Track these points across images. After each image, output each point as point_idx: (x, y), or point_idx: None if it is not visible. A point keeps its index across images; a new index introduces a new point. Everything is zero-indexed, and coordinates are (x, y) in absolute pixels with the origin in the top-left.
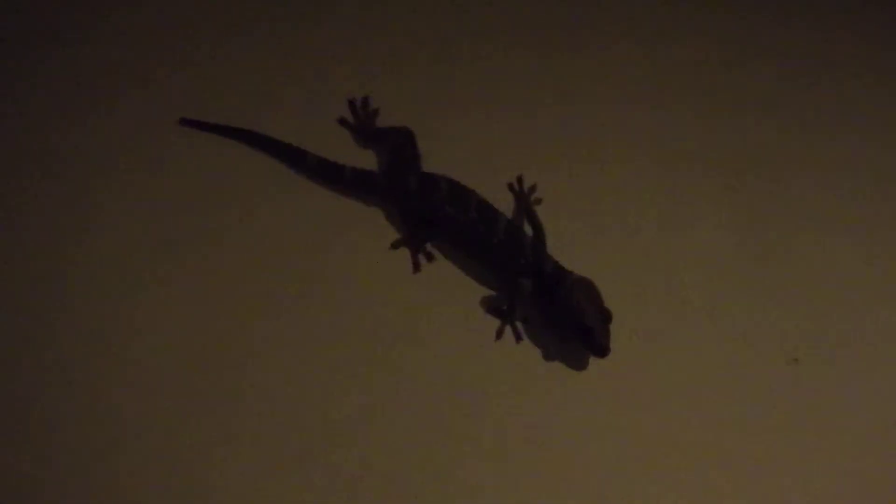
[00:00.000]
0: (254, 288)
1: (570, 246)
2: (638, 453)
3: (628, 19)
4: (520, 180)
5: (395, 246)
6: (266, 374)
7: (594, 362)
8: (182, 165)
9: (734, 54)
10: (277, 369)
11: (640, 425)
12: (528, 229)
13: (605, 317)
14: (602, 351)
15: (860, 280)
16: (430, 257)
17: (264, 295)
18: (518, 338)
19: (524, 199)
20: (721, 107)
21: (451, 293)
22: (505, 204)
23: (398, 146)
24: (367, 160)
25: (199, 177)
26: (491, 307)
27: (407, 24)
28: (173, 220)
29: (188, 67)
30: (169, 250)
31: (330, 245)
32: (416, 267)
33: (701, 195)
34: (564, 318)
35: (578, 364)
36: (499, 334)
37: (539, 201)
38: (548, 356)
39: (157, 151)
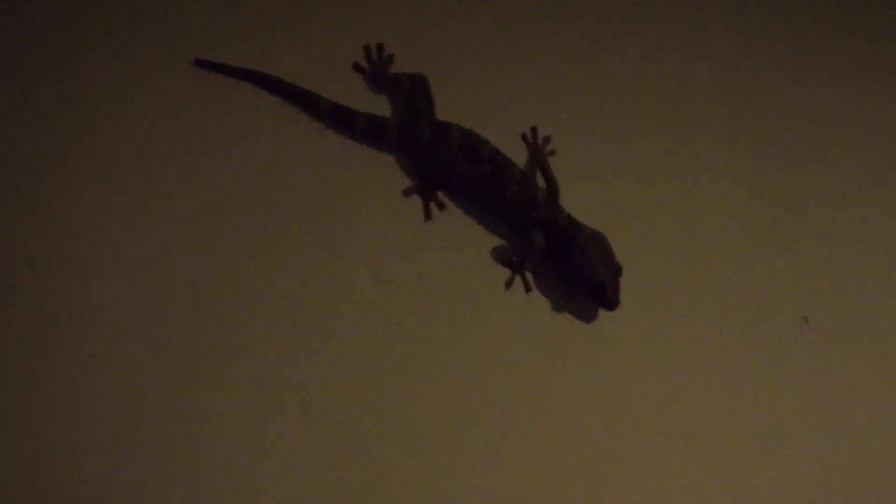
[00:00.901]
0: (262, 240)
1: (583, 199)
2: (646, 409)
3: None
4: (534, 131)
5: (406, 193)
6: (272, 331)
7: (603, 315)
8: (195, 110)
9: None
10: (284, 323)
11: (648, 380)
12: (541, 181)
13: (616, 271)
14: (611, 305)
15: (872, 242)
16: (441, 206)
17: (272, 247)
18: (528, 289)
19: (538, 150)
20: (741, 62)
21: (463, 242)
22: (519, 155)
23: (412, 93)
24: (380, 107)
25: (213, 119)
26: (502, 257)
27: None
28: (183, 162)
29: (204, 7)
30: (174, 192)
31: (341, 191)
32: (428, 215)
33: (717, 150)
34: (576, 272)
35: (587, 316)
36: (508, 284)
37: (553, 153)
38: (556, 307)
39: (171, 92)
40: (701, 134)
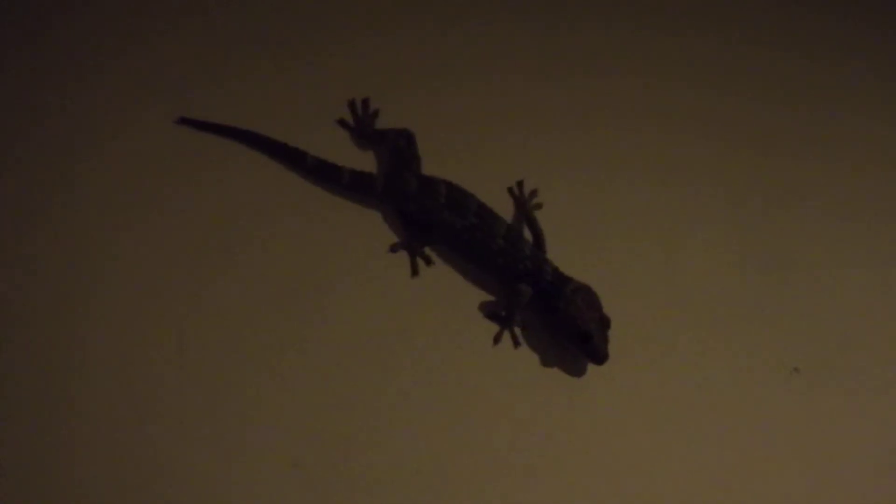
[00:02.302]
0: (248, 292)
1: (571, 252)
2: (635, 462)
3: (634, 43)
4: (520, 185)
5: (393, 249)
6: (258, 382)
7: (592, 369)
8: (179, 165)
9: (739, 72)
10: (270, 375)
11: (639, 434)
12: (528, 235)
13: (604, 324)
14: (600, 358)
15: (860, 292)
16: (428, 261)
17: (259, 299)
18: (516, 343)
19: (524, 203)
20: (726, 121)
21: (450, 297)
22: (505, 209)
23: (398, 148)
24: (366, 162)
25: (197, 177)
26: (490, 312)
27: (409, 25)
28: (167, 220)
29: (188, 65)
30: (161, 249)
31: (328, 248)
32: (415, 271)
33: (704, 204)
34: (563, 325)
35: (577, 370)
36: (497, 339)
37: (539, 206)
38: (546, 362)
39: (155, 150)
40: (688, 187)
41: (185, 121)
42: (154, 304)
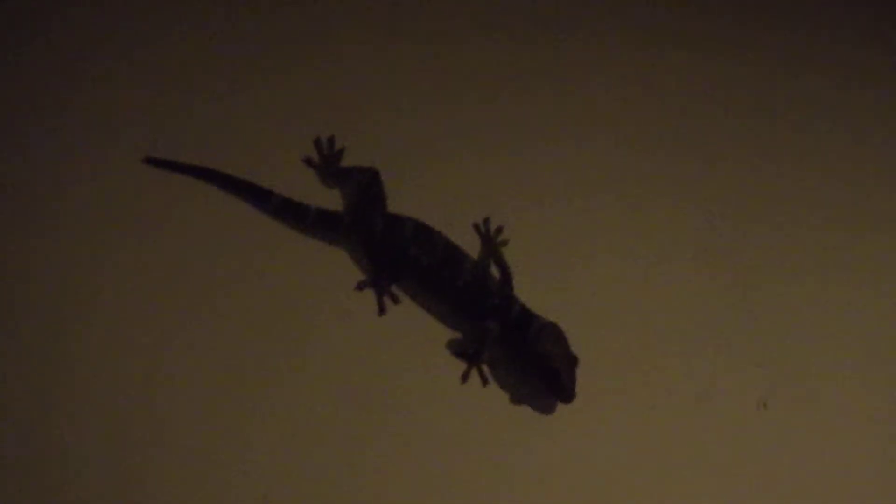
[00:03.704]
0: (214, 330)
1: (538, 286)
2: (605, 499)
3: (598, 61)
4: (486, 221)
5: (360, 287)
6: (226, 419)
7: (561, 406)
8: (144, 205)
9: (713, 93)
10: (239, 411)
11: (608, 471)
12: (494, 271)
13: (572, 361)
14: (567, 396)
15: (827, 329)
16: (395, 299)
17: (224, 337)
18: (484, 381)
19: (491, 240)
20: (698, 147)
21: (417, 336)
22: (472, 245)
23: (364, 186)
24: (332, 200)
25: (162, 216)
26: (457, 350)
27: (375, 63)
28: (130, 260)
29: (152, 105)
30: (125, 288)
31: (293, 286)
32: (382, 309)
33: (673, 239)
34: (531, 363)
35: (545, 408)
36: (465, 377)
37: (505, 243)
38: (515, 400)
39: (120, 190)
40: (658, 228)
41: (150, 160)
42: (121, 343)
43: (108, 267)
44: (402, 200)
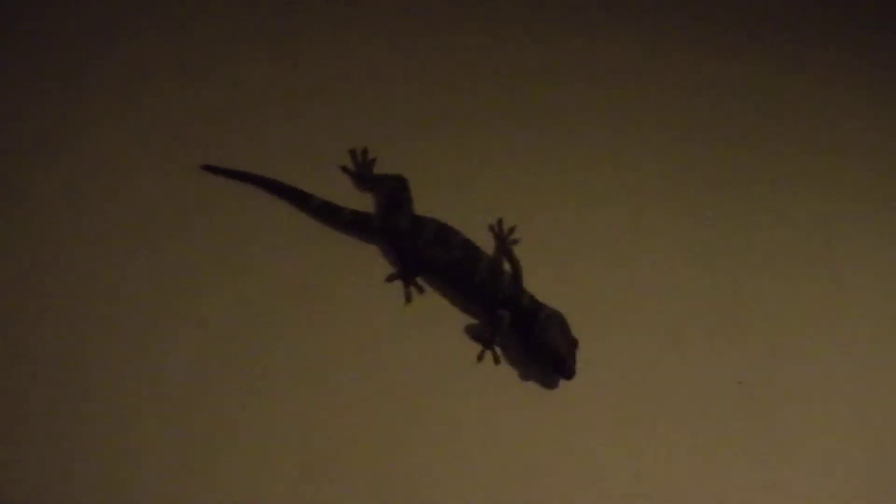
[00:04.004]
0: (261, 313)
1: (544, 280)
2: (600, 464)
3: (605, 69)
4: (500, 223)
5: (389, 279)
6: (248, 403)
7: (563, 383)
8: (202, 206)
9: (703, 96)
10: (277, 389)
11: (603, 439)
12: (507, 267)
13: (573, 344)
14: (570, 374)
15: (798, 313)
16: (420, 290)
17: (269, 319)
18: (497, 361)
19: (504, 239)
20: (686, 143)
21: (439, 322)
22: (487, 243)
23: (393, 191)
24: (364, 203)
25: (215, 215)
26: (474, 334)
27: (404, 82)
28: (188, 251)
29: (210, 119)
30: (186, 271)
31: (330, 279)
32: (408, 298)
33: (664, 237)
34: (538, 346)
35: (549, 384)
36: (480, 357)
37: (517, 241)
38: (523, 377)
39: (180, 193)
40: (651, 228)
41: (207, 168)
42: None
43: (161, 255)
44: (427, 204)
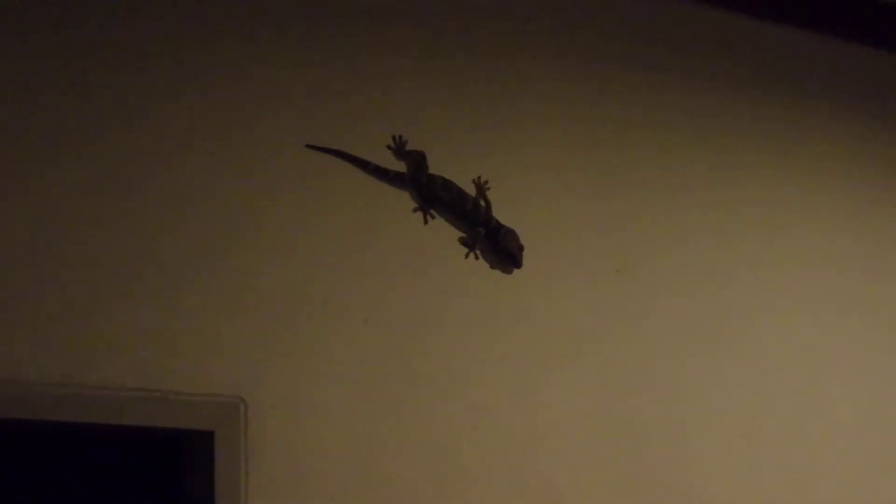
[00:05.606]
0: (333, 241)
1: (503, 213)
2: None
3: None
4: (479, 178)
5: (415, 210)
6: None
7: (515, 272)
8: (307, 171)
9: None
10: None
11: (542, 325)
12: (482, 202)
13: (521, 248)
14: (518, 265)
15: (663, 217)
16: (433, 216)
17: (326, 248)
18: (476, 257)
19: (480, 187)
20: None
21: (444, 235)
22: (471, 189)
23: (416, 160)
24: (400, 167)
25: (319, 185)
26: (463, 241)
27: (428, 89)
28: (295, 213)
29: (308, 104)
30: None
31: (380, 211)
32: (426, 221)
33: (566, 169)
34: (500, 249)
35: (506, 269)
36: (467, 255)
37: (489, 188)
38: (491, 267)
39: (289, 167)
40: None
41: (311, 146)
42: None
43: (286, 217)
44: (439, 168)
